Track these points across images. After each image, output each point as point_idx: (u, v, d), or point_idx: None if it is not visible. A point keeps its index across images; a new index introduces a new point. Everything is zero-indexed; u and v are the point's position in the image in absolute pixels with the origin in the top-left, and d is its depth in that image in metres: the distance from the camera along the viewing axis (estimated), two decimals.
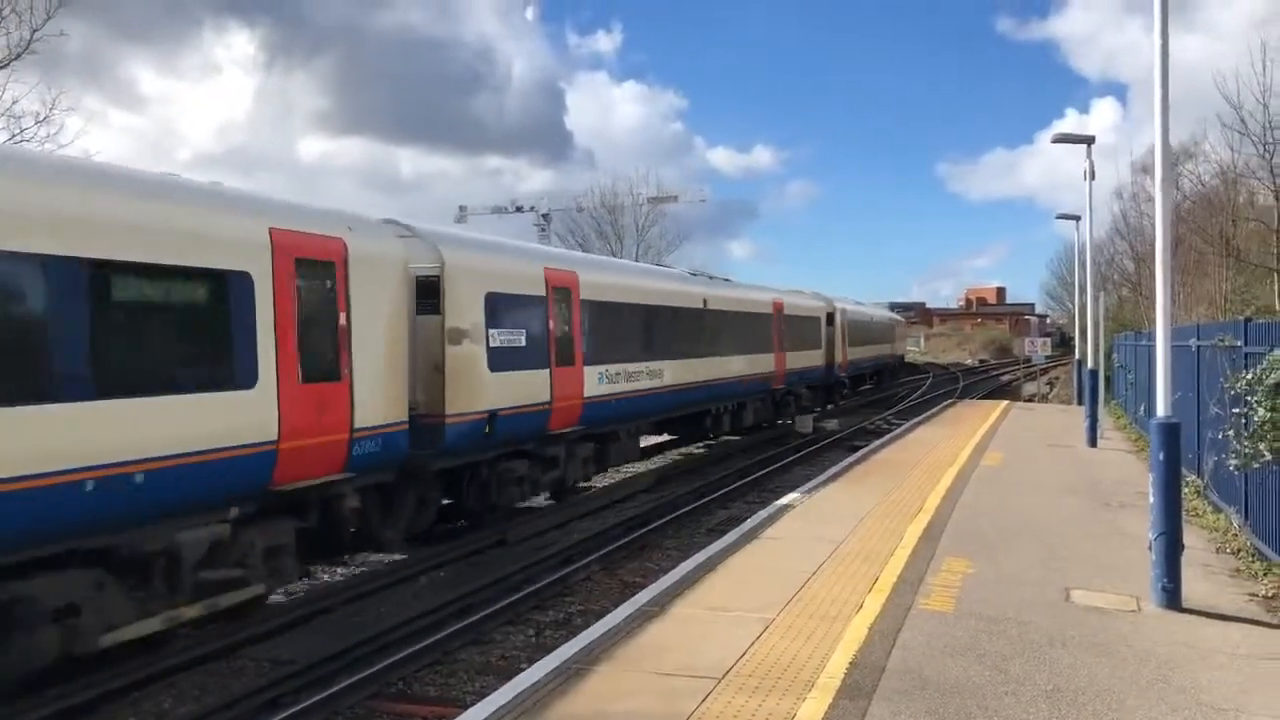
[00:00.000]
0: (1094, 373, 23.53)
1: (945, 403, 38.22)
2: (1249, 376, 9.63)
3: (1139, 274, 43.65)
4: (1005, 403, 37.26)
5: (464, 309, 13.31)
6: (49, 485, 7.39)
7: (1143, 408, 21.84)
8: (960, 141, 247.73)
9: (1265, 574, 9.81)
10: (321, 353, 10.39)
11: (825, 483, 16.24)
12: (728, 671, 7.02)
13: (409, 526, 12.97)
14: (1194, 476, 13.98)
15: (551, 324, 15.55)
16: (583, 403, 16.46)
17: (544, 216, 68.64)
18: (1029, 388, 54.43)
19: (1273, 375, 8.76)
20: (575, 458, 16.88)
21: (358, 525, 11.79)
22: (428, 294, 12.97)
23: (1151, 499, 8.90)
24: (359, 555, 13.63)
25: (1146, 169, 40.56)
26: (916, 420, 29.09)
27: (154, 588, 8.68)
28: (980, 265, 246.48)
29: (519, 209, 71.03)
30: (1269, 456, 8.93)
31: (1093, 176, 22.66)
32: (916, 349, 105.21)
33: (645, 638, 7.87)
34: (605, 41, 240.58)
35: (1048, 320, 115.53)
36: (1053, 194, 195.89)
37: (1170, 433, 8.90)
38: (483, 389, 13.57)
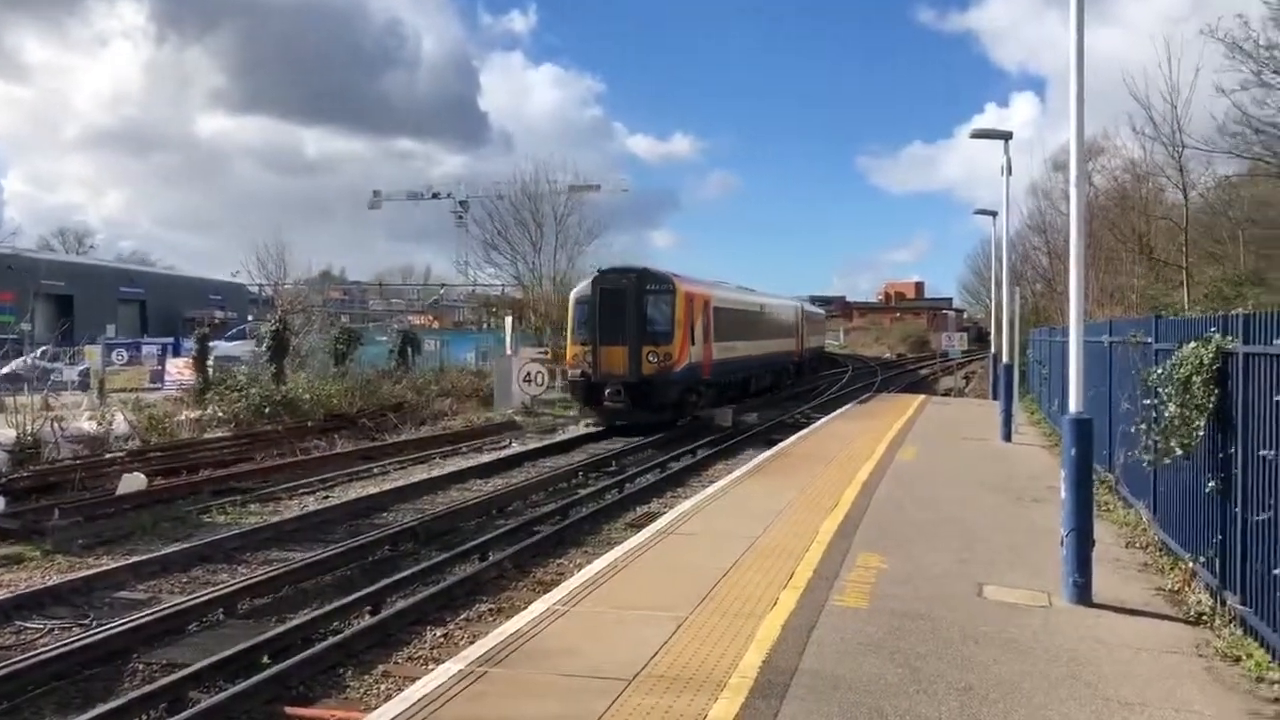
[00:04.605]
0: (1008, 367, 24.03)
1: (863, 396, 38.78)
2: (1159, 372, 9.85)
3: (1053, 269, 44.60)
4: (922, 397, 37.91)
5: (811, 327, 55.94)
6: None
7: (1056, 403, 22.33)
8: (880, 134, 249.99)
9: (1172, 568, 10.05)
10: (799, 335, 49.35)
11: (742, 477, 16.29)
12: (638, 672, 6.94)
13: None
14: (1106, 472, 14.31)
15: (803, 325, 51.20)
16: None
17: (461, 204, 67.94)
18: (946, 382, 55.51)
19: (1181, 370, 8.96)
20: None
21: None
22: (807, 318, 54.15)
23: (1064, 495, 9.05)
24: (261, 553, 13.35)
25: (1059, 166, 41.55)
26: (835, 414, 29.43)
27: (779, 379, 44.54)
28: (900, 259, 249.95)
29: (435, 195, 70.24)
30: (1180, 452, 9.13)
31: (1009, 172, 23.10)
32: (837, 342, 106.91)
33: (555, 638, 7.75)
34: (520, 21, 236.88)
35: (965, 315, 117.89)
36: (971, 188, 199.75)
37: (1082, 428, 9.06)
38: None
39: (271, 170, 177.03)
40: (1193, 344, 8.98)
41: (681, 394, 28.21)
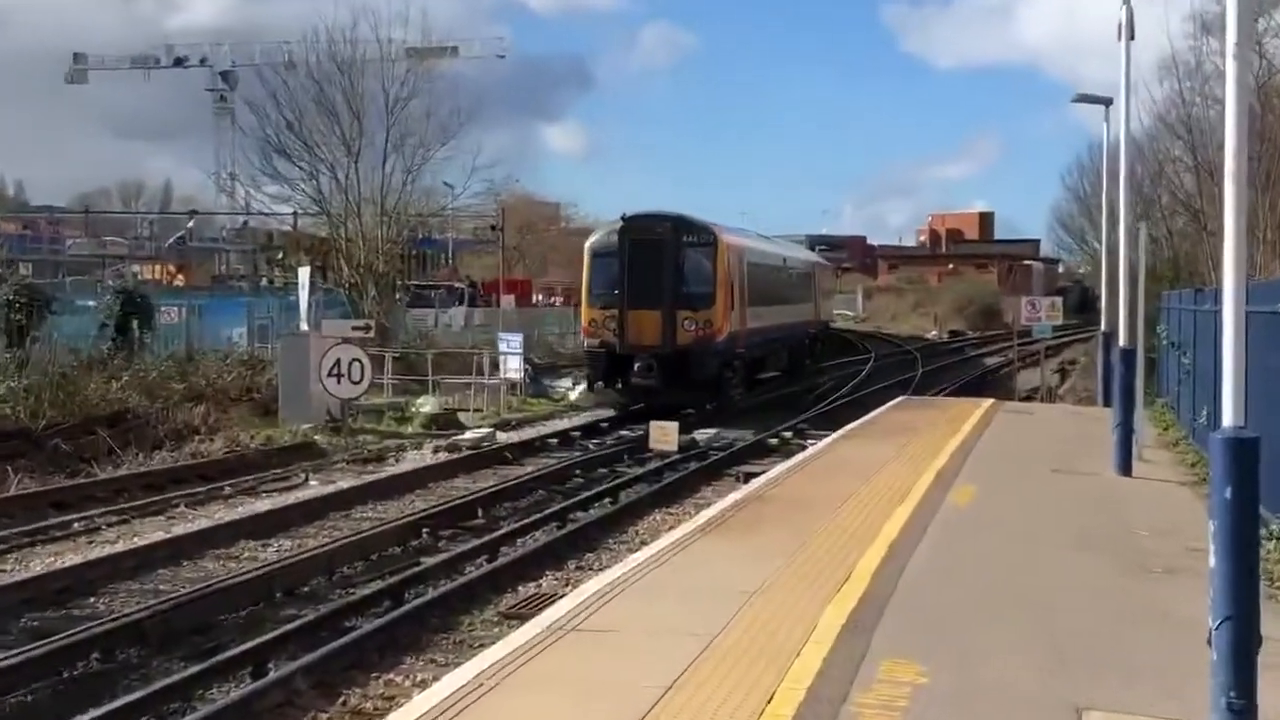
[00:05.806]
0: (1129, 354, 24.30)
1: (894, 401, 39.14)
2: None
3: (1202, 195, 44.71)
4: (989, 402, 38.34)
5: (825, 288, 73.62)
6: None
7: (1204, 412, 22.70)
8: None
9: None
10: (816, 293, 66.15)
11: (694, 536, 16.33)
12: None
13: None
14: None
15: (817, 286, 67.35)
16: None
17: (224, 77, 66.93)
18: (1027, 377, 56.26)
19: None
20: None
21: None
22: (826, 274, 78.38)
23: (1212, 562, 9.19)
24: None
25: (1209, 26, 41.87)
26: (846, 430, 29.62)
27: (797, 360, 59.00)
28: (954, 176, 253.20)
29: (179, 61, 69.07)
30: None
31: (1131, 34, 23.34)
32: (853, 313, 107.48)
33: None
34: None
35: (1059, 268, 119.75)
36: (1071, 61, 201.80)
37: (1243, 454, 9.16)
38: None
39: None
40: None
41: (720, 369, 37.64)
